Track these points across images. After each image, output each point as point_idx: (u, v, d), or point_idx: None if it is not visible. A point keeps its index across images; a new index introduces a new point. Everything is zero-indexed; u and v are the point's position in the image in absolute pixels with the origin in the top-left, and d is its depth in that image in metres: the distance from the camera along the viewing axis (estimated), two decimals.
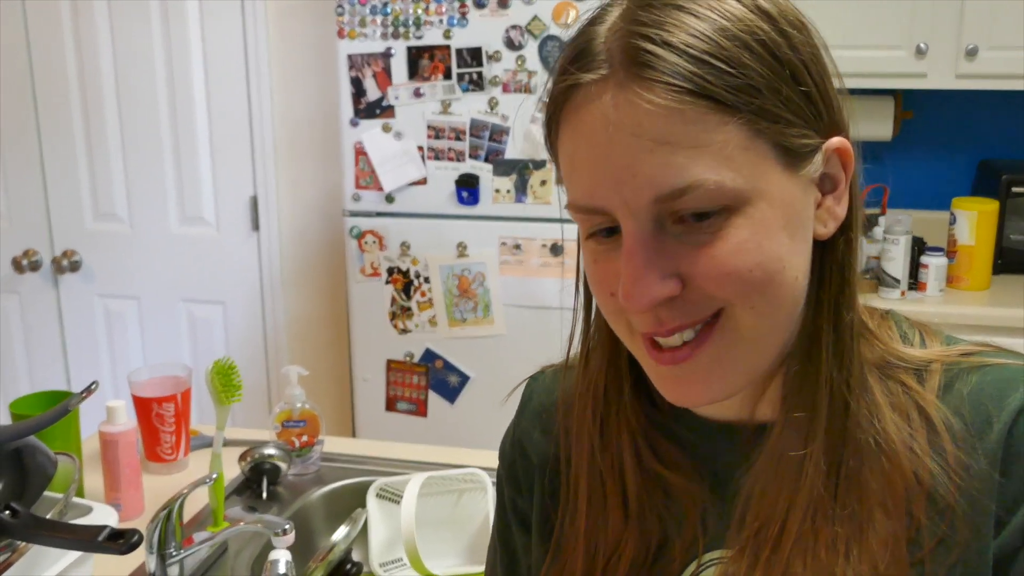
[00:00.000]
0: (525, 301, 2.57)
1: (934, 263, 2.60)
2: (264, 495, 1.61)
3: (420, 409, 2.69)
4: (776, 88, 0.61)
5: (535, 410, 0.85)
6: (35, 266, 2.96)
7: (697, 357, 0.64)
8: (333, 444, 1.76)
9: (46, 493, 1.23)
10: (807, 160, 0.64)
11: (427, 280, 2.62)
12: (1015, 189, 2.71)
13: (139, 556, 1.34)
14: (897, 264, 2.59)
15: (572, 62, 0.63)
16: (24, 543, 1.15)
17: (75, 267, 2.94)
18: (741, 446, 0.71)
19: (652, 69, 0.59)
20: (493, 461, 0.89)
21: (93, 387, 1.30)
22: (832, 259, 0.67)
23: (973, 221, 2.63)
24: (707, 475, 0.73)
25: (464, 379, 2.65)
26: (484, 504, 1.48)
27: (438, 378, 2.66)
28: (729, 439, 0.72)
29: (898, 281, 2.60)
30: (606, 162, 0.61)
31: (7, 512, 1.10)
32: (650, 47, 0.59)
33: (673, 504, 0.73)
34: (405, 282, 2.63)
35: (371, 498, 1.51)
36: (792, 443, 0.67)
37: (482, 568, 1.41)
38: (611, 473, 0.73)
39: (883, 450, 0.65)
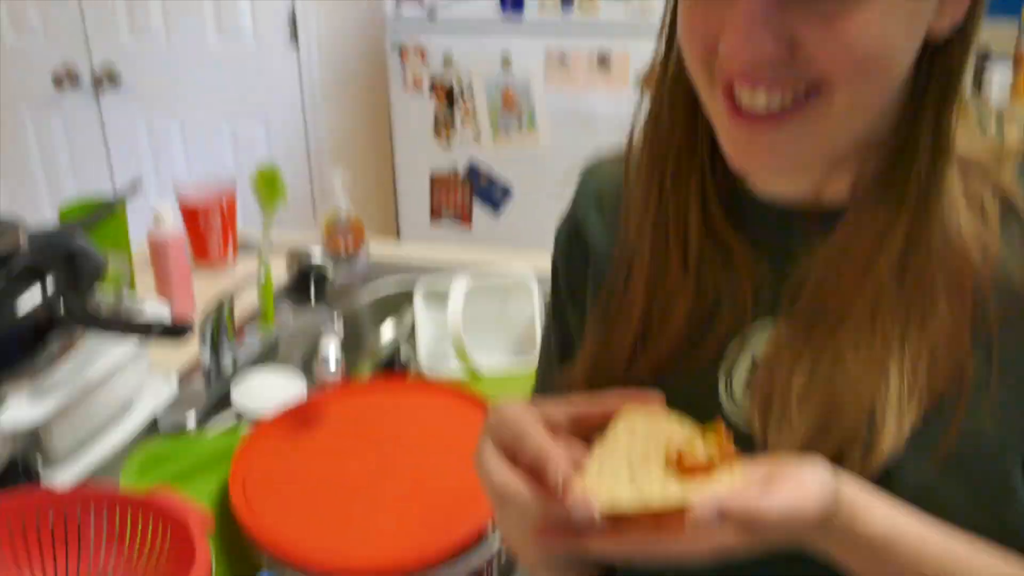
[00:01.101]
0: (571, 115, 2.51)
1: (998, 75, 2.49)
2: (312, 299, 1.62)
3: (464, 219, 2.68)
4: None
5: (593, 192, 0.82)
6: (75, 83, 2.93)
7: (780, 129, 0.61)
8: (379, 249, 1.76)
9: (99, 294, 1.25)
10: None
11: (471, 94, 2.56)
12: None
13: (193, 350, 1.37)
14: None
15: None
16: (80, 335, 1.17)
17: (114, 81, 2.91)
18: (804, 231, 0.68)
19: None
20: (539, 263, 0.88)
21: (137, 183, 1.30)
22: (942, 61, 0.62)
23: None
24: (766, 256, 0.70)
25: (508, 191, 2.62)
26: (530, 305, 1.48)
27: (483, 191, 2.64)
28: (792, 223, 0.69)
29: None
30: None
31: (62, 305, 1.12)
32: None
33: (731, 271, 0.71)
34: (448, 95, 2.58)
35: (418, 297, 1.52)
36: (865, 234, 0.64)
37: (528, 360, 1.43)
38: (676, 224, 0.71)
39: (954, 248, 0.63)
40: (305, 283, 1.64)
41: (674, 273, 0.72)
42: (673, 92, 0.70)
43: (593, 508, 0.54)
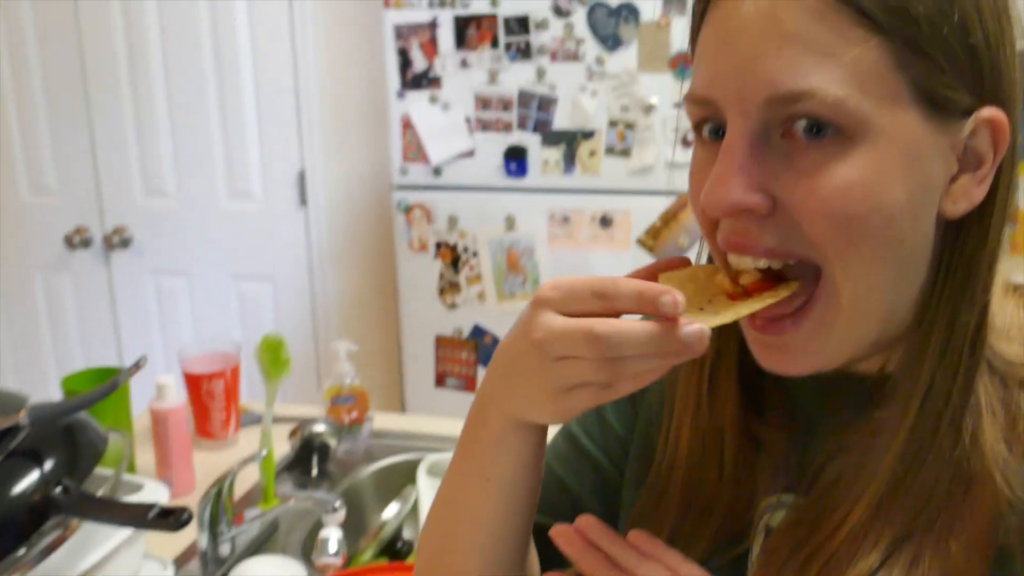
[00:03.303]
0: (574, 274, 2.52)
1: None
2: (314, 472, 1.60)
3: (469, 385, 2.67)
4: (937, 25, 0.55)
5: None
6: (86, 243, 2.98)
7: (797, 331, 0.61)
8: (383, 420, 1.75)
9: (97, 470, 1.22)
10: (951, 119, 0.58)
11: (475, 254, 2.59)
12: None
13: (191, 533, 1.34)
14: None
15: None
16: (76, 520, 1.15)
17: (126, 243, 2.96)
18: (834, 406, 0.67)
19: None
20: None
21: (142, 362, 1.29)
22: (961, 247, 0.61)
23: None
24: (798, 421, 0.70)
25: None
26: None
27: (488, 353, 2.64)
28: (820, 389, 0.69)
29: None
30: (732, 51, 0.58)
31: (59, 489, 1.10)
32: None
33: (763, 455, 0.70)
34: (453, 256, 2.61)
35: (422, 475, 1.49)
36: (879, 430, 0.63)
37: None
38: (712, 433, 0.71)
39: (968, 470, 0.60)
40: (307, 455, 1.62)
41: (709, 481, 0.71)
42: None
43: (705, 330, 0.55)
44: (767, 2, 0.56)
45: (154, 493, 1.26)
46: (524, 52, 2.42)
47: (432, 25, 2.47)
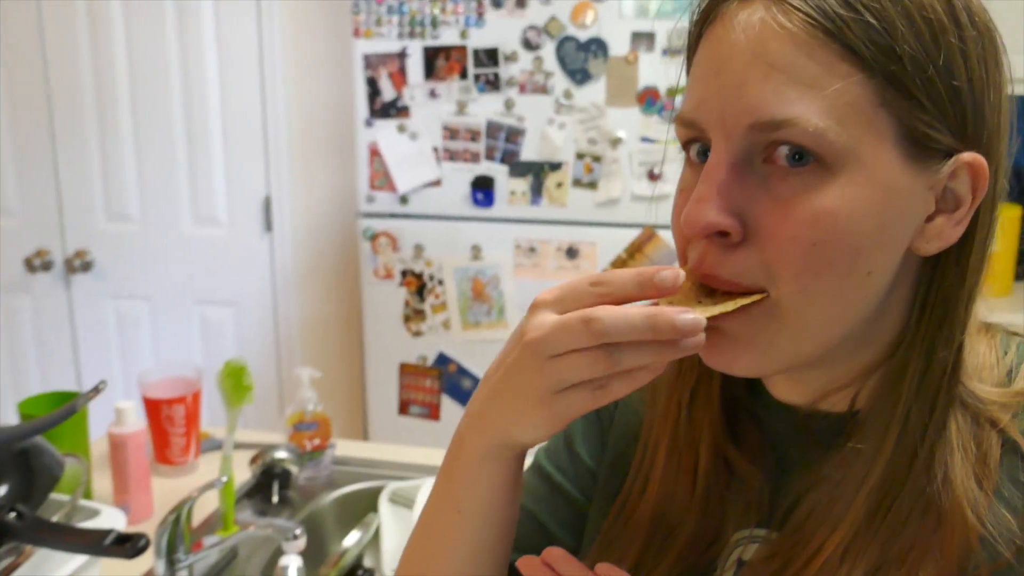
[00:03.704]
0: None
1: None
2: (275, 499, 1.58)
3: (433, 413, 2.66)
4: (922, 66, 0.57)
5: None
6: (47, 266, 2.95)
7: (729, 326, 0.61)
8: (345, 447, 1.74)
9: (53, 495, 1.21)
10: (931, 159, 0.59)
11: (441, 283, 2.59)
12: None
13: (148, 560, 1.32)
14: None
15: None
16: (30, 546, 1.13)
17: (87, 267, 2.93)
18: (808, 441, 0.68)
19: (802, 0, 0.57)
20: None
21: (101, 386, 1.28)
22: (938, 286, 0.62)
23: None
24: (772, 456, 0.71)
25: (478, 383, 2.61)
26: None
27: (452, 382, 2.63)
28: (793, 424, 0.70)
29: None
30: (720, 76, 0.59)
31: (12, 514, 1.08)
32: None
33: (735, 484, 0.71)
34: (419, 284, 2.61)
35: (383, 503, 1.48)
36: (850, 465, 0.64)
37: None
38: (688, 450, 0.72)
39: (940, 505, 0.61)
40: (268, 482, 1.61)
41: (682, 500, 0.72)
42: None
43: (700, 319, 0.55)
44: (756, 32, 0.58)
45: (111, 519, 1.24)
46: (493, 84, 2.44)
47: (401, 55, 2.49)
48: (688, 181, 0.64)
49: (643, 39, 2.35)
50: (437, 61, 2.47)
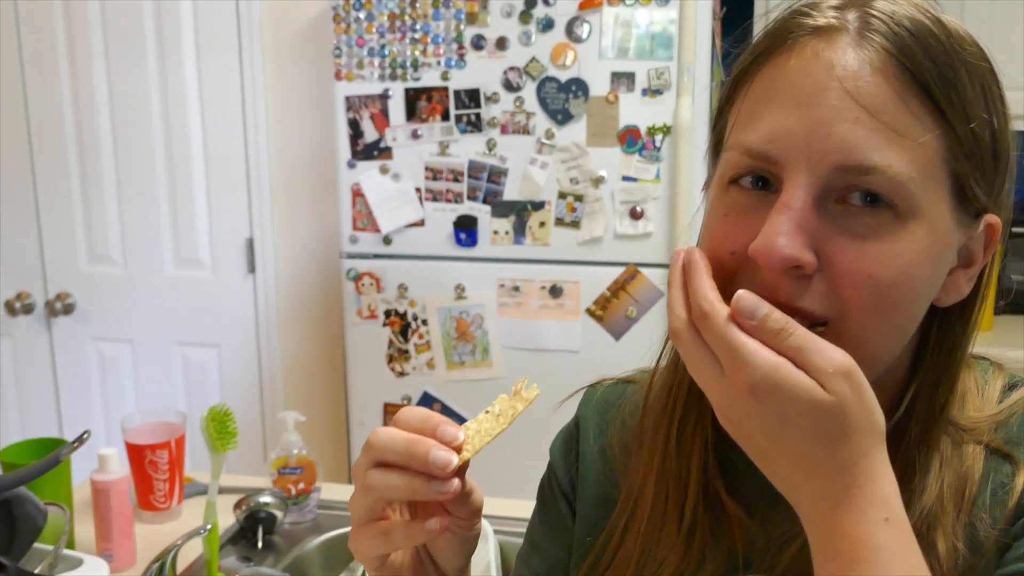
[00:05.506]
0: (524, 344, 2.54)
1: None
2: (260, 544, 1.57)
3: None
4: (982, 128, 0.60)
5: (599, 408, 0.83)
6: (28, 309, 2.93)
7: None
8: (330, 491, 1.73)
9: (36, 545, 1.20)
10: (969, 217, 0.62)
11: (425, 322, 2.59)
12: (1015, 230, 2.70)
13: None
14: None
15: (807, 4, 0.62)
16: None
17: (68, 310, 2.91)
18: None
19: (895, 46, 0.58)
20: (495, 509, 0.87)
21: (85, 437, 1.27)
22: (943, 334, 0.65)
23: None
24: (763, 495, 0.70)
25: (463, 423, 2.61)
26: (485, 553, 1.45)
27: None
28: None
29: None
30: (806, 110, 0.59)
31: None
32: (898, 29, 0.59)
33: (721, 526, 0.71)
34: (403, 324, 2.61)
35: None
36: None
37: None
38: (676, 484, 0.72)
39: (927, 540, 0.62)
40: (253, 527, 1.60)
41: (668, 535, 0.72)
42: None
43: (452, 459, 0.64)
44: (852, 71, 0.58)
45: (94, 568, 1.24)
46: (475, 124, 2.46)
47: (383, 97, 2.50)
48: (738, 205, 0.63)
49: (623, 79, 2.37)
50: (419, 102, 2.49)
